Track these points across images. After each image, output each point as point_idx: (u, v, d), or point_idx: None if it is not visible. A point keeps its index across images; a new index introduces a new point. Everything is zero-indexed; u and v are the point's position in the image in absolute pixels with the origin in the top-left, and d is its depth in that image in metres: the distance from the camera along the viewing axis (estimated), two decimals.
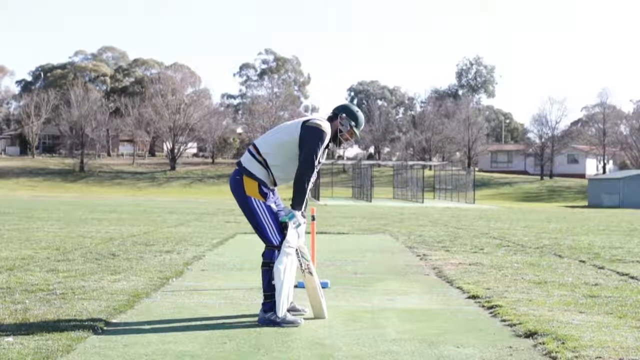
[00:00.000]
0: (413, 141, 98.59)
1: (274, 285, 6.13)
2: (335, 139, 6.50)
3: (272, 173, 6.29)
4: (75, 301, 6.83)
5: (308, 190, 6.27)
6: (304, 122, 6.32)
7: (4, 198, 42.96)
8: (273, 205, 6.31)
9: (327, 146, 6.43)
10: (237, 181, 6.34)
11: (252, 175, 6.27)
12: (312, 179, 6.25)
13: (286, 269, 6.15)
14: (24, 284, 7.81)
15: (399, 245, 13.95)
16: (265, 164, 6.26)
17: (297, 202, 6.23)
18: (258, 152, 6.30)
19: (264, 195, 6.27)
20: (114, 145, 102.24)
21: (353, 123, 6.54)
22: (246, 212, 6.32)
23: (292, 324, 6.08)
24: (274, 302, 6.11)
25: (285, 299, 6.14)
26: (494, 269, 9.98)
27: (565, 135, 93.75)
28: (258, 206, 6.25)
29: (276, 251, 6.19)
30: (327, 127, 6.35)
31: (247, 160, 6.34)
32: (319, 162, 6.30)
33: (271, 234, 6.23)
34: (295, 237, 6.24)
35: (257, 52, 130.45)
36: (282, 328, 5.98)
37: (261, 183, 6.27)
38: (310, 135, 6.22)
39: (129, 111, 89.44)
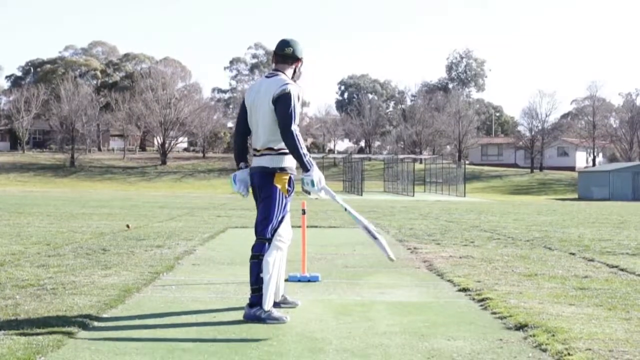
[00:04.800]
0: (404, 135, 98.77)
1: (262, 279, 6.09)
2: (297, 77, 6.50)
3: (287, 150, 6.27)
4: (65, 296, 6.82)
5: (304, 147, 6.15)
6: (275, 98, 6.16)
7: None
8: (288, 204, 6.33)
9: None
10: (267, 175, 6.23)
11: (283, 169, 6.24)
12: (298, 132, 6.12)
13: (275, 262, 6.16)
14: (15, 280, 7.79)
15: (389, 239, 13.95)
16: (284, 152, 6.24)
17: (301, 165, 6.18)
18: (273, 149, 6.23)
19: (289, 191, 6.27)
20: (104, 140, 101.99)
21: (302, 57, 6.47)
22: (266, 200, 6.23)
23: (277, 320, 6.00)
24: (261, 295, 6.08)
25: (272, 293, 6.12)
26: (485, 262, 10.00)
27: (555, 128, 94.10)
28: (279, 199, 6.21)
29: (267, 244, 6.16)
30: (291, 83, 6.24)
31: (269, 160, 6.24)
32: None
33: (271, 227, 6.18)
34: (287, 230, 6.25)
35: (247, 47, 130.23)
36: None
37: (291, 174, 6.28)
38: (283, 105, 6.13)
39: (119, 106, 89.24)
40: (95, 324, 5.76)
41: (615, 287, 7.76)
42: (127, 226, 15.54)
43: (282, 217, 6.24)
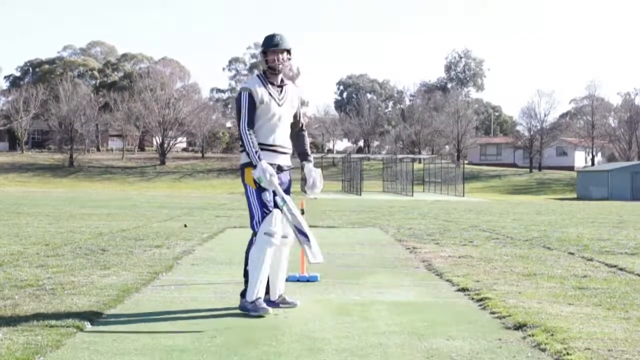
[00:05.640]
0: (402, 134, 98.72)
1: (247, 271, 6.38)
2: (274, 70, 6.54)
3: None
4: (64, 296, 6.82)
5: (253, 145, 6.27)
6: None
7: None
8: (267, 194, 6.34)
9: (275, 85, 6.55)
10: (241, 173, 6.53)
11: (247, 165, 6.40)
12: (247, 131, 6.29)
13: (259, 256, 6.28)
14: (13, 280, 7.79)
15: (388, 239, 13.97)
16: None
17: (251, 159, 6.31)
18: (241, 146, 6.45)
19: (256, 182, 6.34)
20: (103, 140, 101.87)
21: (271, 48, 6.55)
22: (245, 197, 6.50)
23: (257, 312, 6.17)
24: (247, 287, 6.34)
25: (257, 285, 6.26)
26: (484, 262, 10.00)
27: (554, 128, 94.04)
28: (251, 193, 6.39)
29: (254, 238, 6.38)
30: (247, 84, 6.53)
31: (243, 156, 6.47)
32: (277, 103, 6.46)
33: (254, 221, 6.38)
34: (270, 223, 6.28)
35: (246, 47, 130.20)
36: (271, 321, 5.99)
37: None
38: (235, 107, 6.48)
39: (118, 106, 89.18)
40: (94, 324, 5.76)
41: (614, 287, 7.76)
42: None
43: (264, 210, 6.32)
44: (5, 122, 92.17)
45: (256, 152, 6.27)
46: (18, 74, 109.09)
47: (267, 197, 6.35)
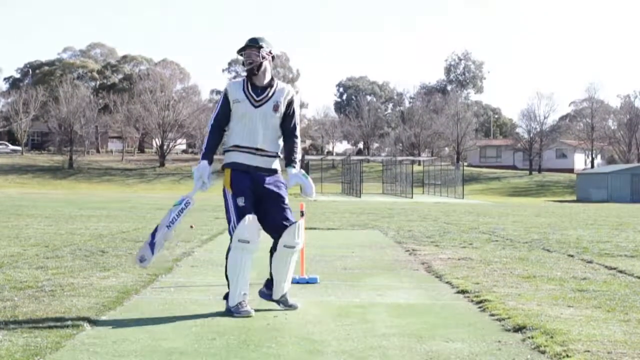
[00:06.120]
0: (402, 136, 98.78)
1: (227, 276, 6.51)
2: (250, 67, 6.47)
3: (230, 147, 6.54)
4: (64, 298, 6.81)
5: (207, 142, 6.58)
6: None
7: None
8: (240, 199, 6.40)
9: (253, 86, 6.50)
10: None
11: (225, 164, 6.54)
12: (209, 128, 6.60)
13: (232, 261, 6.48)
14: (13, 281, 7.78)
15: (388, 241, 13.96)
16: (226, 149, 6.60)
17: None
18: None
19: (231, 185, 6.45)
20: (102, 141, 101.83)
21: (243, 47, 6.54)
22: (224, 201, 6.62)
23: (240, 314, 6.24)
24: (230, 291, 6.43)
25: (235, 289, 6.35)
26: (483, 264, 9.99)
27: (554, 130, 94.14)
28: (227, 197, 6.55)
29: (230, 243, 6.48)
30: (229, 84, 6.66)
31: (225, 157, 6.62)
32: (252, 104, 6.42)
33: (231, 228, 6.58)
34: (244, 230, 6.44)
35: None
36: (271, 323, 5.99)
37: (234, 169, 6.46)
38: None
39: (117, 108, 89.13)
40: (94, 325, 5.75)
41: (613, 289, 7.75)
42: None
43: (239, 215, 6.42)
44: (5, 123, 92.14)
45: (205, 149, 6.51)
46: (18, 75, 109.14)
47: (241, 202, 6.38)
